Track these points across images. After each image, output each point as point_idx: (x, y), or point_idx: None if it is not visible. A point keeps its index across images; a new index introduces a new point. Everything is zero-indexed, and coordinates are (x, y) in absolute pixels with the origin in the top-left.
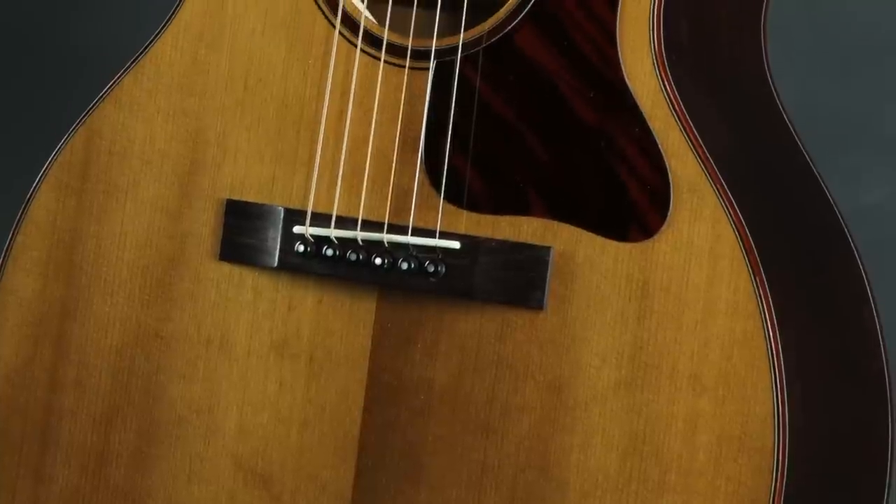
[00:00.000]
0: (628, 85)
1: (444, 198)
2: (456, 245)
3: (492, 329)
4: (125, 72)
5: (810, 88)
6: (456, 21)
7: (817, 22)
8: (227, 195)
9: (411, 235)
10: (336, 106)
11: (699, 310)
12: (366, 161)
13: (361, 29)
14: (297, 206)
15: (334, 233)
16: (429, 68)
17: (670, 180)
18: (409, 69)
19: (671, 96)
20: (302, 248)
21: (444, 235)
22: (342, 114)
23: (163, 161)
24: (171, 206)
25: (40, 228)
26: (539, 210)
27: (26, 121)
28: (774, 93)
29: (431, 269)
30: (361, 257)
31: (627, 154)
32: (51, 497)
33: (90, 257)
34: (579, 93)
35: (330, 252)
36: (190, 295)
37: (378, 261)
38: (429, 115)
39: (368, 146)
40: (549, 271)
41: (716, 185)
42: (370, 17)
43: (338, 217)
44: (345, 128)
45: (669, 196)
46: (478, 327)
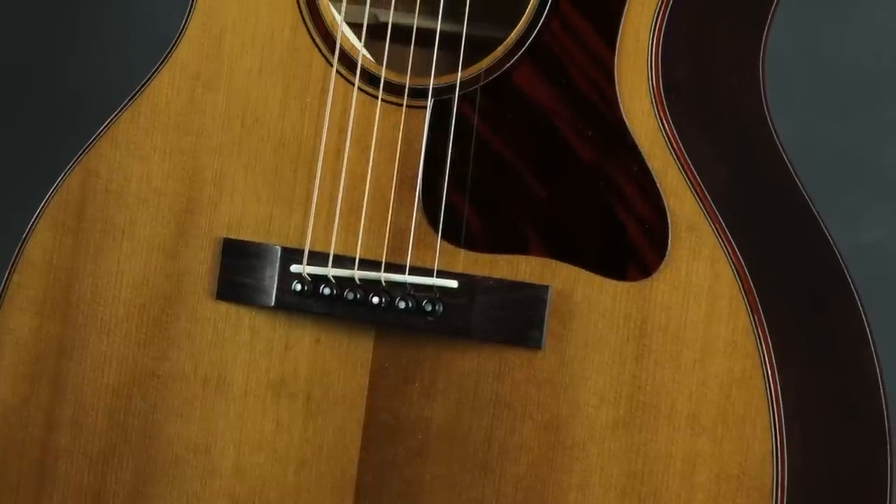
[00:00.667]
0: (626, 123)
1: (442, 236)
2: (454, 284)
3: (490, 368)
4: (122, 110)
5: (809, 126)
6: (454, 59)
7: (816, 60)
8: (224, 234)
9: (409, 274)
10: (333, 144)
11: (697, 349)
12: (363, 200)
13: (359, 67)
14: (294, 244)
15: (331, 272)
16: (426, 107)
17: (669, 219)
18: (406, 107)
19: (670, 135)
20: (299, 287)
21: (442, 274)
22: (339, 152)
23: (159, 200)
24: (168, 245)
25: (37, 267)
26: (537, 249)
27: (23, 159)
28: (773, 131)
29: (429, 308)
30: (359, 296)
31: (626, 193)
32: None
33: (87, 296)
34: (577, 131)
35: (327, 291)
36: (187, 334)
37: (375, 300)
38: (426, 154)
39: (366, 185)
40: (547, 310)
41: (714, 225)
42: (368, 55)
43: (335, 256)
44: (342, 166)
45: (668, 235)
46: (476, 366)
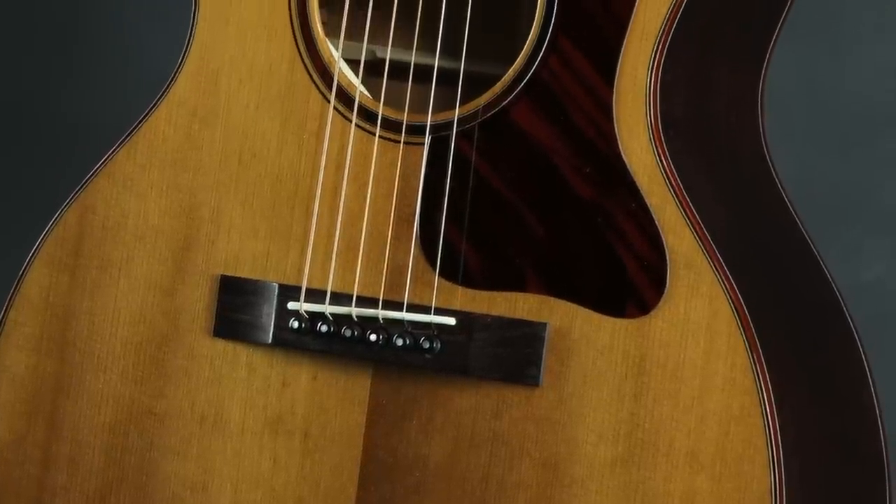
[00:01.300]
0: (625, 160)
1: (440, 274)
2: (451, 321)
3: (488, 406)
4: (119, 146)
5: (808, 162)
6: (452, 95)
7: (815, 96)
8: (221, 271)
9: (406, 311)
10: (331, 181)
11: (696, 386)
12: (360, 236)
13: (356, 104)
14: (291, 282)
15: (329, 309)
16: (424, 143)
17: (667, 256)
18: (404, 144)
19: (668, 172)
20: (296, 324)
21: (440, 311)
22: (337, 189)
23: (156, 237)
24: (165, 282)
25: (33, 304)
26: (535, 286)
27: (19, 196)
28: (772, 167)
29: (427, 345)
30: (356, 333)
31: (624, 229)
32: None
33: (83, 333)
34: (575, 168)
35: (324, 328)
36: (184, 371)
37: (373, 337)
38: (424, 191)
39: (363, 222)
40: (545, 348)
41: (713, 261)
42: (365, 91)
43: (332, 293)
44: (339, 203)
45: (666, 272)
46: (473, 404)
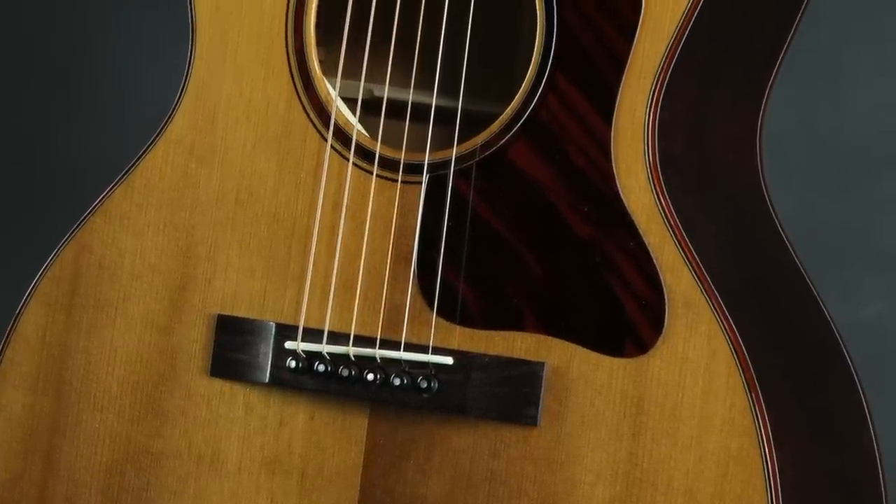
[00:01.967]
0: (623, 199)
1: (437, 313)
2: (449, 361)
3: (485, 445)
4: (115, 185)
5: (807, 202)
6: (449, 134)
7: (813, 135)
8: (218, 310)
9: (404, 351)
10: (328, 220)
11: (694, 426)
12: (358, 276)
13: (353, 143)
14: (288, 321)
15: (326, 348)
16: (421, 182)
17: (665, 295)
18: (401, 182)
19: (666, 210)
20: (293, 363)
21: (437, 351)
22: (334, 228)
23: (153, 275)
24: (162, 321)
25: (29, 344)
26: (533, 325)
27: (15, 235)
28: (771, 206)
29: (424, 384)
30: (354, 373)
31: (622, 269)
32: None
33: (80, 373)
34: (573, 207)
35: (322, 368)
36: (181, 411)
37: (370, 376)
38: (421, 230)
39: (360, 261)
40: (543, 387)
41: (711, 300)
42: (362, 130)
43: (330, 332)
44: (337, 242)
45: (664, 311)
46: (471, 443)
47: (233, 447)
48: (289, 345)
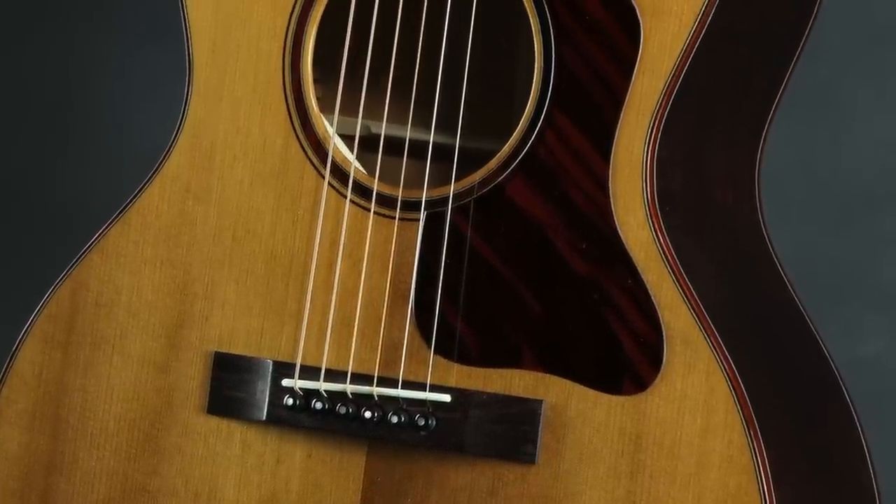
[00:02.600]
0: (621, 236)
1: (435, 350)
2: (446, 398)
3: (483, 483)
4: (112, 222)
5: (806, 239)
6: (447, 171)
7: (812, 173)
8: (215, 348)
9: (401, 388)
10: (325, 257)
11: (692, 463)
12: (355, 313)
13: (351, 180)
14: (285, 358)
15: (323, 386)
16: (419, 219)
17: (663, 333)
18: (399, 220)
19: (664, 248)
20: (291, 401)
21: (435, 388)
22: (331, 265)
23: (150, 313)
24: (159, 359)
25: (26, 381)
26: (530, 363)
27: (12, 272)
28: (769, 244)
29: (422, 422)
30: (351, 410)
31: (620, 306)
32: None
33: (77, 410)
34: (571, 244)
35: (319, 405)
36: (178, 449)
37: (368, 414)
38: (419, 267)
39: (358, 298)
40: (541, 425)
41: (710, 338)
42: (360, 167)
43: (327, 370)
44: (334, 279)
45: (663, 349)
46: (469, 481)
47: (230, 485)
48: (286, 382)
